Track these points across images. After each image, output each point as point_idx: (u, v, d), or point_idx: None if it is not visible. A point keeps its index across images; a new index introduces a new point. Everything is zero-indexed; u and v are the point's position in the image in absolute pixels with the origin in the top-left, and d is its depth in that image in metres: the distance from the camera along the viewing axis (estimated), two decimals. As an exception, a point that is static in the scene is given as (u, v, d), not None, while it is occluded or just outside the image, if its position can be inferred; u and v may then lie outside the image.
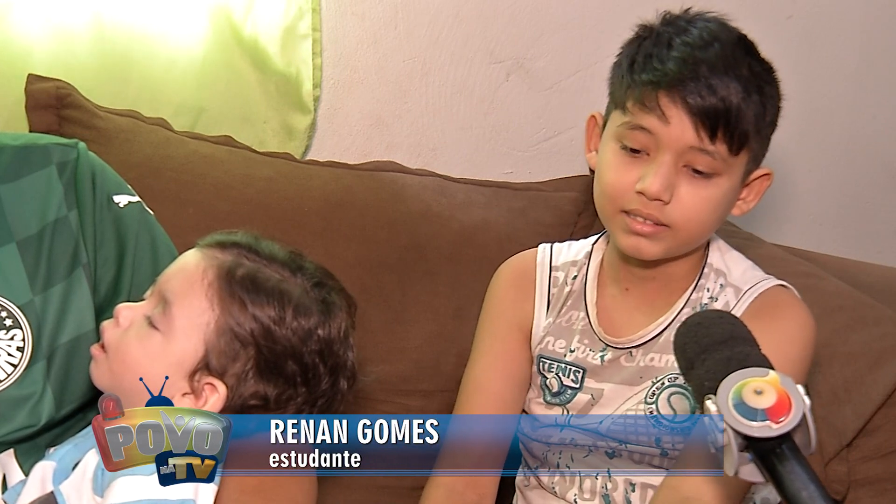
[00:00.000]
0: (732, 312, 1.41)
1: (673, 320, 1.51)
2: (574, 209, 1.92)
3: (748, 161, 1.45)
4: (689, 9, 1.49)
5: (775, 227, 2.26)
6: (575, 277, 1.59)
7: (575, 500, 1.53)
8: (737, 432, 0.99)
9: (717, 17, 1.47)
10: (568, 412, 1.55)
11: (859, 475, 1.72)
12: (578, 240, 1.65)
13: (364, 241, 1.79)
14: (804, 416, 0.99)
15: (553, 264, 1.61)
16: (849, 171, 2.32)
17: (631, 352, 1.52)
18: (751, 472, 1.02)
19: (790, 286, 1.54)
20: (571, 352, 1.55)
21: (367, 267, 1.78)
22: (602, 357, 1.53)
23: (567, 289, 1.59)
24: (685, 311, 1.51)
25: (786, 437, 0.99)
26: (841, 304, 1.78)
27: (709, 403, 1.02)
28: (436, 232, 1.83)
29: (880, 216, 2.36)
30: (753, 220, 2.20)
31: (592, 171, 1.53)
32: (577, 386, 1.54)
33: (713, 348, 1.08)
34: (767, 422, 0.98)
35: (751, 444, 1.00)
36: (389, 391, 1.76)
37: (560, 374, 1.55)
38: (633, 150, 1.43)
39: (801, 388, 1.00)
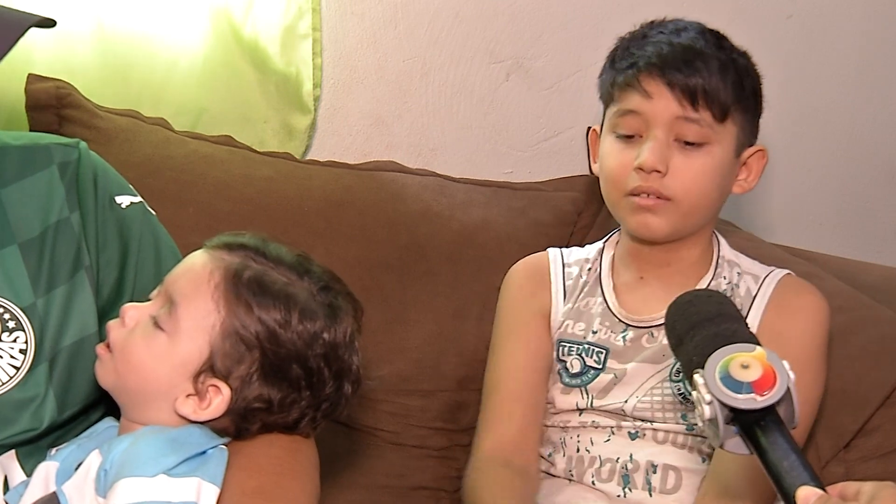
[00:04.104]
0: (756, 298, 1.53)
1: None
2: (574, 209, 1.92)
3: (737, 133, 1.52)
4: (665, 17, 1.59)
5: (775, 227, 2.26)
6: (589, 269, 1.64)
7: (593, 482, 1.54)
8: (723, 404, 1.02)
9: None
10: (588, 394, 1.56)
11: (858, 475, 1.72)
12: (584, 245, 1.70)
13: (364, 241, 1.79)
14: (788, 389, 1.02)
15: (566, 261, 1.66)
16: (849, 171, 2.33)
17: (652, 332, 1.56)
18: (736, 445, 1.05)
19: (792, 273, 1.61)
20: (594, 333, 1.58)
21: (367, 267, 1.78)
22: (624, 337, 1.57)
23: (582, 279, 1.63)
24: None
25: (770, 410, 1.02)
26: (841, 304, 1.78)
27: (696, 377, 1.05)
28: (436, 232, 1.83)
29: (880, 216, 2.37)
30: (753, 219, 2.21)
31: (598, 178, 1.60)
32: (600, 367, 1.57)
33: (702, 325, 1.11)
34: (753, 394, 1.01)
35: (736, 417, 1.03)
36: (389, 391, 1.76)
37: (583, 355, 1.58)
38: (627, 137, 1.52)
39: (786, 364, 1.03)
